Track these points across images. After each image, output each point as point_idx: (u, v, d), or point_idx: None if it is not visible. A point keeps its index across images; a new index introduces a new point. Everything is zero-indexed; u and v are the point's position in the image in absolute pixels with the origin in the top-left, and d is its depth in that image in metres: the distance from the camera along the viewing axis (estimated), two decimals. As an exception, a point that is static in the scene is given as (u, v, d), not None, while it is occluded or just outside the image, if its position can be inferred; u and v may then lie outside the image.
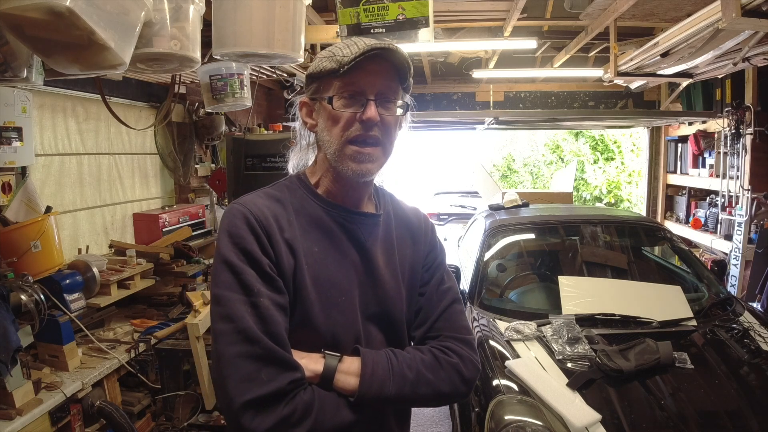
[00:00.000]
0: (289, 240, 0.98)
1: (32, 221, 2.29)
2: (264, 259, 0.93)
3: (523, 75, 5.88)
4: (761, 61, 3.20)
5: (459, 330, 1.08)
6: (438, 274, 1.16)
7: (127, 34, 1.35)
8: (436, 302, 1.12)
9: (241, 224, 0.94)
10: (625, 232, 3.35)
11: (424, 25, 2.14)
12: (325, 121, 1.01)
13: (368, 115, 0.97)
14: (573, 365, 2.09)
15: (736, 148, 4.56)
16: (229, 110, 4.14)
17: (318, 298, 0.98)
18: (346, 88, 0.97)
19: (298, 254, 0.98)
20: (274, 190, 1.06)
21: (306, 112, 1.07)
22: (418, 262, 1.15)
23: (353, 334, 1.02)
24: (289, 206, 1.03)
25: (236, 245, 0.93)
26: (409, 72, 1.03)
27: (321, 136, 1.03)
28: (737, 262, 4.40)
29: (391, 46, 0.97)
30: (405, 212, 1.19)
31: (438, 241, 1.22)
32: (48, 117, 2.75)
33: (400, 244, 1.13)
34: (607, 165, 11.01)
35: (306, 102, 1.06)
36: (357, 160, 0.99)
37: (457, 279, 2.97)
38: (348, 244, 1.05)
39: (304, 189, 1.07)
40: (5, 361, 1.77)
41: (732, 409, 1.87)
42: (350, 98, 0.98)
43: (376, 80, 0.98)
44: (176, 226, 3.59)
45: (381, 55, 0.96)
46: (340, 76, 0.97)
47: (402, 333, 1.10)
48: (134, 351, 2.45)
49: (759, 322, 2.45)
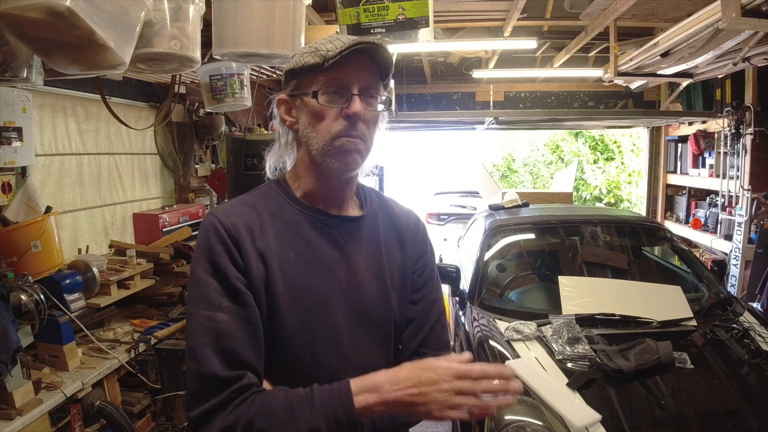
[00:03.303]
0: (260, 249, 0.97)
1: (32, 221, 2.28)
2: (231, 270, 0.94)
3: (523, 75, 5.88)
4: (761, 61, 3.20)
5: (443, 346, 1.11)
6: (430, 284, 1.15)
7: (127, 34, 1.35)
8: (428, 316, 1.11)
9: (212, 235, 0.96)
10: (625, 232, 3.35)
11: (424, 25, 2.14)
12: (309, 117, 1.00)
13: (354, 109, 0.96)
14: (573, 365, 2.09)
15: (736, 148, 4.57)
16: (229, 110, 4.14)
17: (292, 306, 0.97)
18: (331, 82, 0.97)
19: (270, 263, 0.97)
20: (250, 197, 1.06)
21: (285, 110, 1.05)
22: (408, 264, 1.12)
23: (334, 341, 1.00)
24: (265, 213, 1.02)
25: (205, 257, 0.95)
26: (391, 69, 1.03)
27: (304, 133, 1.01)
28: (737, 262, 4.41)
29: (376, 42, 0.96)
30: (394, 213, 1.16)
31: (429, 243, 1.20)
32: (48, 117, 2.75)
33: (388, 247, 1.10)
34: (607, 165, 11.01)
35: (285, 99, 1.04)
36: (342, 152, 0.98)
37: (457, 279, 2.96)
38: (327, 248, 1.03)
39: (282, 194, 1.06)
40: (5, 361, 1.77)
41: (732, 409, 1.87)
42: (334, 93, 0.97)
43: (360, 75, 0.98)
44: (176, 226, 3.59)
45: (365, 50, 0.96)
46: (324, 71, 0.96)
47: (388, 334, 1.08)
48: (134, 351, 2.45)
49: (759, 322, 2.44)
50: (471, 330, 2.55)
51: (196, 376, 0.89)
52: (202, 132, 4.08)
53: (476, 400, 0.85)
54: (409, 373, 0.87)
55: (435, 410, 0.85)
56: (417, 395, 0.85)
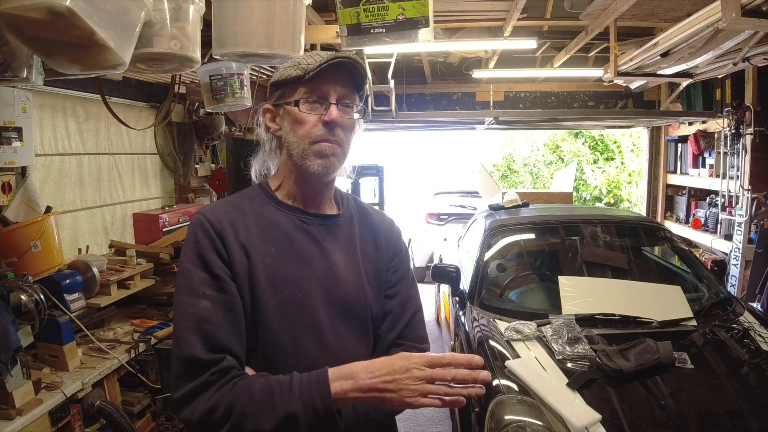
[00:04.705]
0: (243, 242, 1.05)
1: (32, 221, 2.28)
2: (216, 261, 1.01)
3: (523, 75, 5.88)
4: (761, 61, 3.20)
5: (421, 340, 1.18)
6: (405, 281, 1.22)
7: (127, 34, 1.35)
8: (404, 309, 1.19)
9: (198, 230, 1.04)
10: (625, 232, 3.35)
11: (424, 25, 2.14)
12: (291, 124, 1.09)
13: (331, 116, 1.05)
14: (573, 365, 2.09)
15: (736, 148, 4.57)
16: (229, 110, 4.13)
17: (273, 296, 1.04)
18: (311, 93, 1.07)
19: (252, 255, 1.05)
20: (234, 198, 1.16)
21: (269, 118, 1.14)
22: (383, 263, 1.20)
23: (315, 330, 1.06)
24: (248, 212, 1.10)
25: (192, 250, 1.03)
26: (365, 81, 1.13)
27: (287, 139, 1.10)
28: (737, 262, 4.41)
29: (351, 57, 1.07)
30: (369, 215, 1.25)
31: (404, 244, 1.28)
32: (48, 117, 2.75)
33: (363, 245, 1.19)
34: (607, 165, 11.01)
35: (269, 108, 1.14)
36: (323, 155, 1.07)
37: (457, 279, 2.97)
38: (306, 243, 1.10)
39: (264, 195, 1.15)
40: (5, 361, 1.77)
41: (732, 409, 1.87)
42: (314, 102, 1.07)
43: (336, 86, 1.08)
44: (176, 226, 3.59)
45: (340, 64, 1.06)
46: (305, 83, 1.06)
47: (366, 326, 1.14)
48: (134, 351, 2.45)
49: (759, 322, 2.45)
50: (471, 330, 2.55)
51: (178, 358, 0.96)
52: (202, 132, 4.08)
53: (447, 389, 0.89)
54: (384, 362, 0.93)
55: (407, 397, 0.89)
56: (390, 382, 0.90)
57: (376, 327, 1.16)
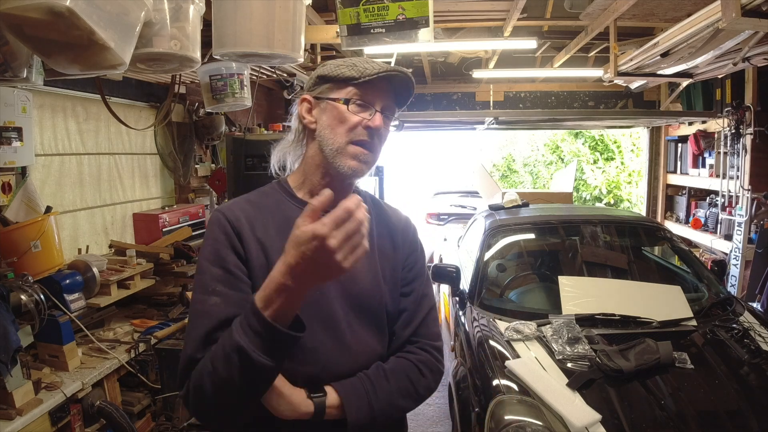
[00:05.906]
0: (261, 239, 1.06)
1: (32, 221, 2.29)
2: (231, 258, 1.03)
3: (523, 75, 5.88)
4: (761, 61, 3.20)
5: (434, 337, 1.19)
6: (420, 279, 1.23)
7: (127, 34, 1.35)
8: (418, 307, 1.19)
9: (215, 227, 1.06)
10: (625, 232, 3.35)
11: (424, 25, 2.13)
12: (331, 120, 1.08)
13: (376, 123, 1.07)
14: (573, 365, 2.09)
15: (736, 148, 4.56)
16: (229, 110, 4.14)
17: None
18: (362, 96, 1.08)
19: (269, 252, 1.05)
20: (252, 195, 1.16)
21: (306, 109, 1.12)
22: (399, 261, 1.21)
23: (332, 325, 1.07)
24: (265, 209, 1.11)
25: (209, 246, 1.05)
26: (408, 99, 1.15)
27: (322, 133, 1.09)
28: (737, 262, 4.41)
29: (408, 75, 1.10)
30: (387, 214, 1.25)
31: (419, 243, 1.28)
32: (48, 117, 2.75)
33: (381, 243, 1.19)
34: (607, 165, 11.01)
35: (308, 99, 1.12)
36: (358, 159, 1.08)
37: (457, 279, 2.96)
38: None
39: (282, 192, 1.15)
40: (5, 361, 1.77)
41: (732, 409, 1.87)
42: (362, 106, 1.08)
43: (385, 96, 1.10)
44: (176, 226, 3.59)
45: (394, 78, 1.09)
46: (356, 85, 1.07)
47: (381, 323, 1.15)
48: (134, 351, 2.45)
49: (759, 322, 2.44)
50: (471, 330, 2.55)
51: (183, 356, 0.99)
52: (202, 132, 4.08)
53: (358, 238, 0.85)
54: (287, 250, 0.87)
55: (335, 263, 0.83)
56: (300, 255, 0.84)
57: (391, 324, 1.17)
